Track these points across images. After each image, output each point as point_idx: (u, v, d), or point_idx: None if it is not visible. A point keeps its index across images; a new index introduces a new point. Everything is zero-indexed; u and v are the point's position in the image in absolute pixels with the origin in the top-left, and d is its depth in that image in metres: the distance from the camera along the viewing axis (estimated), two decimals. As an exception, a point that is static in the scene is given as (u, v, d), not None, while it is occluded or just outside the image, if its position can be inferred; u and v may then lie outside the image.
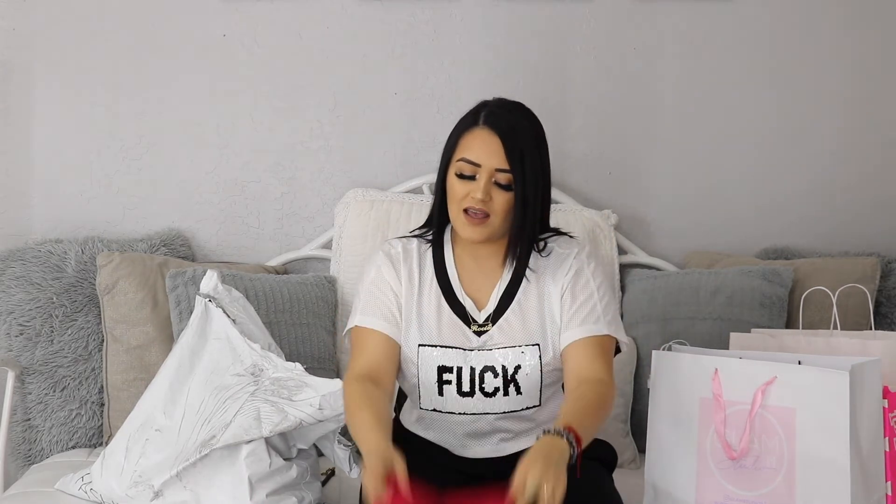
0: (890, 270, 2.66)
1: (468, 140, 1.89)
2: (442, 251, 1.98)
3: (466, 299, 1.94)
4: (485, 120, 1.89)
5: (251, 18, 2.76)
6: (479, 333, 1.92)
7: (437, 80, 2.80)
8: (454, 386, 1.90)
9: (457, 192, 1.88)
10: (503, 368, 1.90)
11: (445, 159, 1.92)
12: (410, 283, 1.94)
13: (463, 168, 1.87)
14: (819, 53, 2.87)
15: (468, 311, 1.93)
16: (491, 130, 1.87)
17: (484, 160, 1.86)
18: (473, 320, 1.93)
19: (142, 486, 1.98)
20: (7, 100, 2.72)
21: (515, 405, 1.91)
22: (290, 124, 2.79)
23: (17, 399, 2.52)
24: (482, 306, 1.94)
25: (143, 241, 2.66)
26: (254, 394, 1.97)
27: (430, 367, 1.90)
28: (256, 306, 2.44)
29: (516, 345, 1.90)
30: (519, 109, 1.94)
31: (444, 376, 1.90)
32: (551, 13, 2.81)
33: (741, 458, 1.92)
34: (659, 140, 2.87)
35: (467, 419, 1.92)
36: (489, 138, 1.87)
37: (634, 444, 2.49)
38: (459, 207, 1.88)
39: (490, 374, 1.90)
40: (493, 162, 1.85)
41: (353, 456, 2.02)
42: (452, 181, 1.89)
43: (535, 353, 1.90)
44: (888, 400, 1.92)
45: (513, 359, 1.90)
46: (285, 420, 1.93)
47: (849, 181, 2.90)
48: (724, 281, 2.57)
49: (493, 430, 1.94)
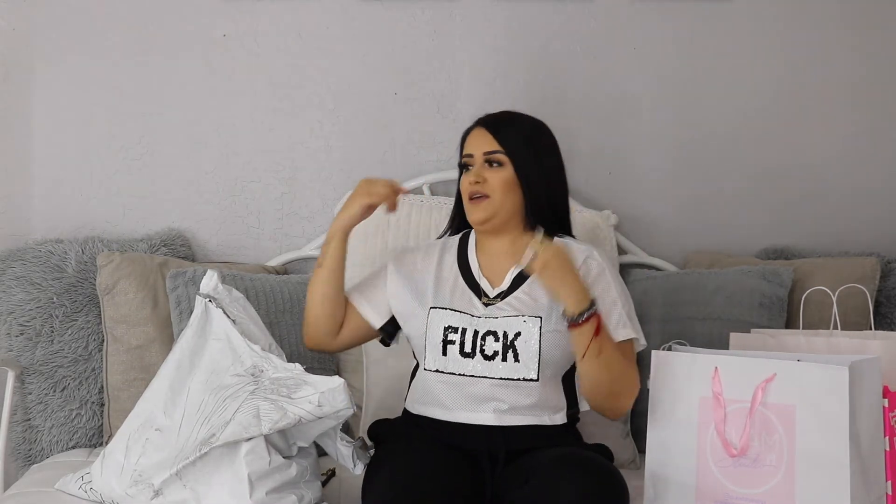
0: (890, 270, 2.66)
1: (466, 142, 2.17)
2: (466, 247, 2.19)
3: (482, 279, 2.13)
4: (478, 122, 2.17)
5: (251, 18, 2.76)
6: (487, 305, 2.09)
7: (437, 80, 2.80)
8: (457, 346, 2.05)
9: (463, 188, 2.14)
10: (504, 334, 2.04)
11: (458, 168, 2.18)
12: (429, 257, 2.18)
13: (464, 164, 2.15)
14: (819, 53, 2.88)
15: (482, 288, 2.12)
16: (481, 126, 2.15)
17: (475, 149, 2.13)
18: (485, 294, 2.11)
19: (142, 484, 1.98)
20: (7, 100, 2.72)
21: (512, 373, 2.02)
22: (290, 124, 2.79)
23: (17, 399, 2.52)
24: (496, 286, 2.11)
25: (143, 241, 2.66)
26: (253, 392, 1.97)
27: (438, 327, 2.07)
28: (256, 306, 2.44)
29: (519, 314, 2.05)
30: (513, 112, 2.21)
31: (449, 336, 2.05)
32: (551, 13, 2.81)
33: (741, 455, 1.92)
34: (659, 140, 2.87)
35: (466, 381, 2.04)
36: (479, 132, 2.14)
37: (634, 444, 2.49)
38: (467, 199, 2.12)
39: (491, 338, 2.04)
40: (483, 147, 2.11)
41: (357, 452, 2.03)
42: (461, 181, 2.15)
43: (536, 323, 2.03)
44: (888, 399, 1.92)
45: (514, 326, 2.04)
46: (284, 417, 1.93)
47: (849, 181, 2.90)
48: (724, 281, 2.57)
49: (489, 398, 2.04)
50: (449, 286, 2.12)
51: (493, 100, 2.67)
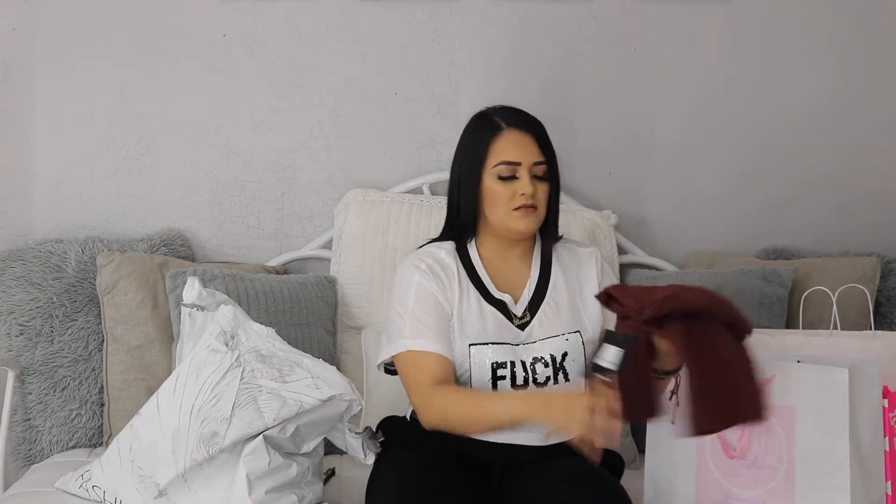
0: (890, 270, 2.66)
1: (500, 145, 1.99)
2: (469, 258, 2.06)
3: (504, 295, 2.02)
4: (509, 123, 2.01)
5: (251, 18, 2.76)
6: (521, 327, 2.00)
7: (437, 80, 2.80)
8: (508, 381, 1.96)
9: (501, 195, 1.98)
10: (552, 357, 1.97)
11: (476, 170, 2.00)
12: (451, 288, 2.00)
13: (502, 171, 1.98)
14: (819, 53, 2.88)
15: (507, 306, 2.01)
16: (520, 130, 2.00)
17: (523, 157, 1.98)
18: (514, 315, 2.01)
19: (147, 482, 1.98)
20: (7, 100, 2.72)
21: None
22: (290, 124, 2.79)
23: (17, 399, 2.52)
24: (517, 299, 2.03)
25: (143, 241, 2.66)
26: (243, 378, 1.95)
27: (483, 365, 1.96)
28: (256, 306, 2.45)
29: (559, 334, 1.99)
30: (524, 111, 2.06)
31: (499, 372, 1.96)
32: (551, 13, 2.81)
33: (741, 457, 1.92)
34: (659, 140, 2.87)
35: None
36: (521, 137, 1.99)
37: (634, 445, 2.49)
38: (508, 208, 1.98)
39: (541, 365, 1.97)
40: (531, 157, 1.98)
41: (367, 443, 2.02)
42: (493, 186, 1.99)
43: (577, 339, 2.00)
44: (888, 400, 1.92)
45: (559, 346, 1.98)
46: (285, 406, 1.92)
47: (849, 181, 2.90)
48: (724, 281, 2.57)
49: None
50: (476, 314, 1.99)
51: (493, 100, 2.63)
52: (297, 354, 2.02)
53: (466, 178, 2.02)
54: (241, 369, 1.97)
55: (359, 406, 1.99)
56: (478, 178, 2.00)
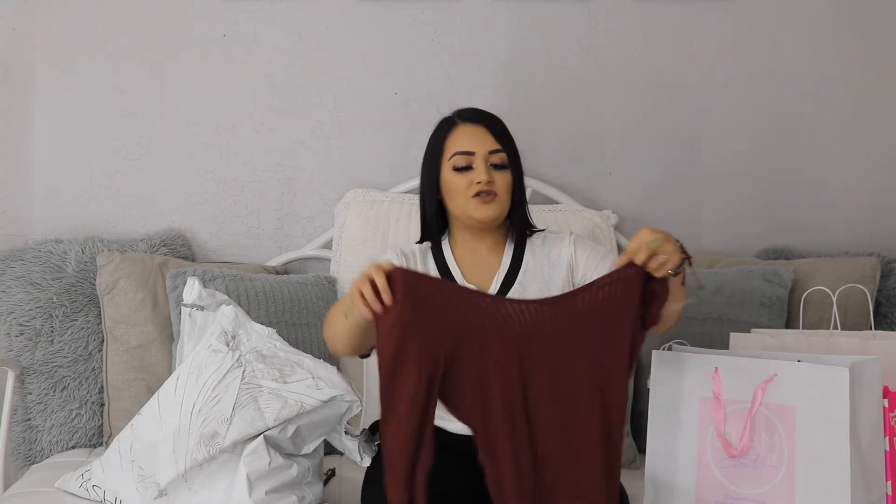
0: (890, 270, 2.66)
1: (454, 137, 2.05)
2: (442, 254, 2.09)
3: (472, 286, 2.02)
4: (462, 117, 2.07)
5: (251, 18, 2.76)
6: None
7: (437, 80, 2.80)
8: None
9: (458, 186, 2.02)
10: None
11: (435, 166, 2.06)
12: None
13: (458, 161, 2.02)
14: (819, 53, 2.88)
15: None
16: (473, 123, 2.06)
17: (476, 147, 2.02)
18: None
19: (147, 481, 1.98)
20: (7, 100, 2.72)
21: None
22: (290, 124, 2.79)
23: (17, 399, 2.52)
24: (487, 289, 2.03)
25: (143, 241, 2.66)
26: (244, 378, 1.95)
27: None
28: (256, 306, 2.45)
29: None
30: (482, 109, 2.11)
31: None
32: (551, 13, 2.81)
33: (741, 456, 1.92)
34: (659, 140, 2.87)
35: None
36: (474, 129, 2.05)
37: (634, 445, 2.49)
38: (467, 196, 2.01)
39: None
40: (485, 146, 2.02)
41: (363, 446, 2.02)
42: (450, 178, 2.03)
43: None
44: (888, 399, 1.92)
45: None
46: (286, 406, 1.92)
47: (849, 181, 2.90)
48: (724, 281, 2.57)
49: None
50: None
51: (494, 100, 2.67)
52: (298, 355, 2.02)
53: (427, 175, 2.08)
54: (242, 369, 1.97)
55: (359, 407, 1.99)
56: (437, 173, 2.05)
